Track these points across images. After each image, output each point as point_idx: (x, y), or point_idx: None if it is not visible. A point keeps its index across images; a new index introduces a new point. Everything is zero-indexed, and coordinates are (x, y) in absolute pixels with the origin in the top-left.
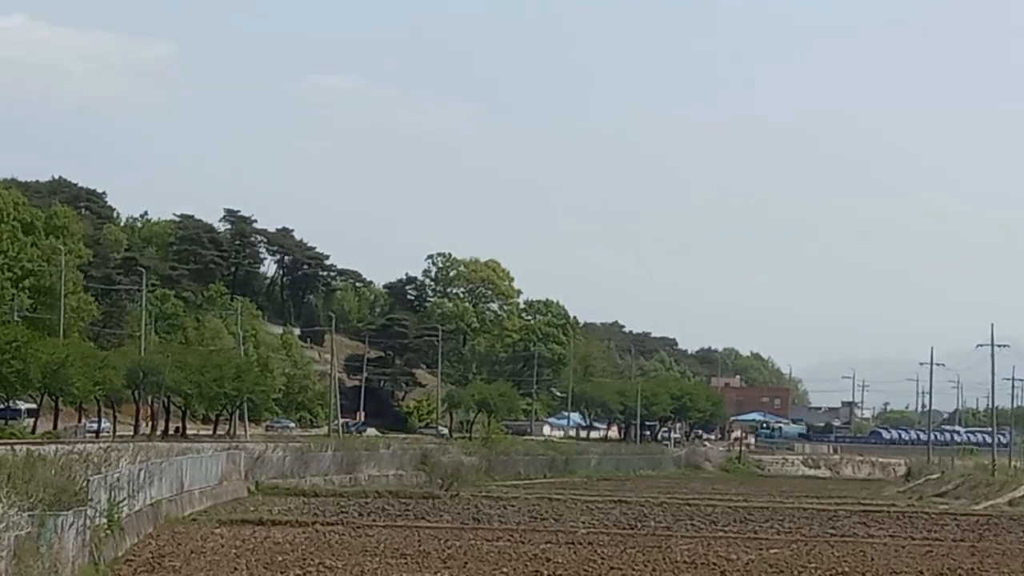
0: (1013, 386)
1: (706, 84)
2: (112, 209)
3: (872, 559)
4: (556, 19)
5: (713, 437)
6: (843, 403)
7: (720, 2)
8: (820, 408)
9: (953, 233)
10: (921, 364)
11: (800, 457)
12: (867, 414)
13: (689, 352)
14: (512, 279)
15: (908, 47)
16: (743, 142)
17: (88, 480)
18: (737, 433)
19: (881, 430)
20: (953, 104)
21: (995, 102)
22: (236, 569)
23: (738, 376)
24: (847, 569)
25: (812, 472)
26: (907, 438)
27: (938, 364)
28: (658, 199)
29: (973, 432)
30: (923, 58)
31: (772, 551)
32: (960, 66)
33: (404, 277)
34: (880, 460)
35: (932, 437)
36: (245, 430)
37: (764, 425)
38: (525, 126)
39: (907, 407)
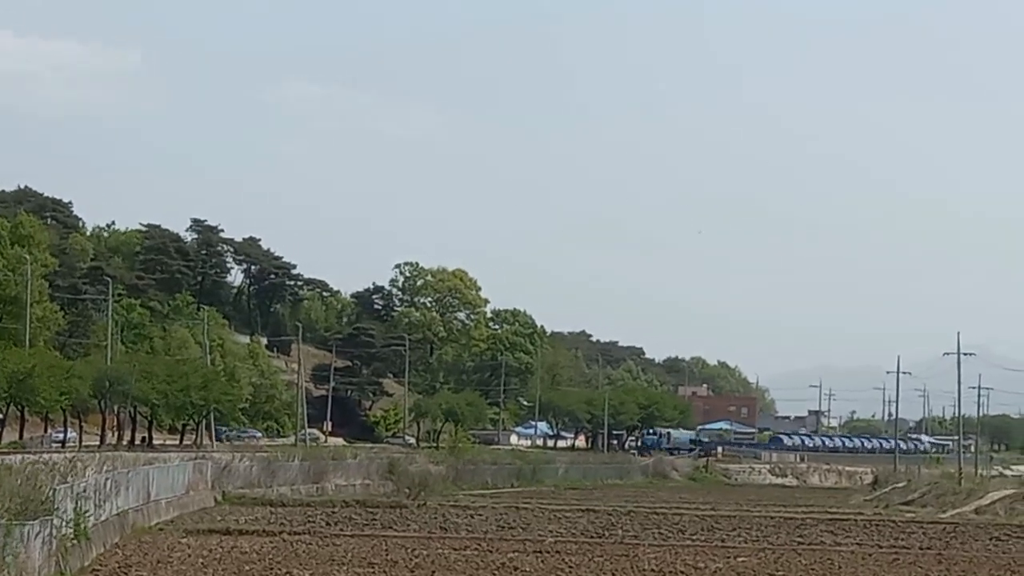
0: (979, 394)
1: (679, 78)
2: (78, 219)
3: (839, 567)
4: (536, 22)
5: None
6: (810, 412)
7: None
8: (788, 417)
9: (920, 240)
10: (888, 373)
11: (767, 466)
12: (834, 423)
13: (656, 361)
14: (479, 288)
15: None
16: (722, 144)
17: (54, 490)
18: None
19: (783, 436)
20: (945, 106)
21: (986, 102)
22: None
23: (705, 385)
24: None
25: (779, 481)
26: (870, 446)
27: (905, 373)
28: (626, 203)
29: (944, 442)
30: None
31: (740, 559)
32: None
33: (371, 286)
34: (847, 469)
35: (897, 446)
36: (212, 440)
37: (652, 432)
38: (494, 133)
39: (874, 415)
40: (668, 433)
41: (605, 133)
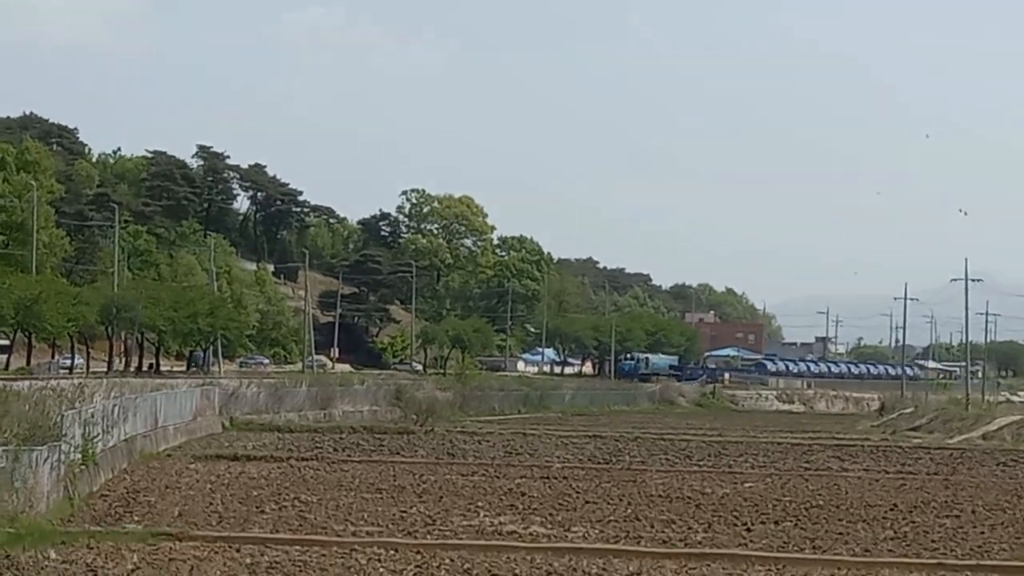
0: (987, 321)
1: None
2: (84, 145)
3: (846, 492)
4: None
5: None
6: (817, 338)
7: None
8: (794, 343)
9: (928, 165)
10: (895, 299)
11: (774, 392)
12: (841, 349)
13: (663, 288)
14: (486, 215)
15: None
16: (730, 70)
17: (62, 416)
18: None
19: (767, 361)
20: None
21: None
22: (211, 503)
23: (712, 312)
24: (821, 502)
25: (786, 407)
26: (876, 372)
27: (912, 299)
28: (633, 129)
29: (951, 368)
30: None
31: (747, 485)
32: None
33: (378, 213)
34: (854, 395)
35: (904, 372)
36: (219, 366)
37: (629, 356)
38: (500, 62)
39: (881, 342)
40: (647, 358)
41: (604, 51)
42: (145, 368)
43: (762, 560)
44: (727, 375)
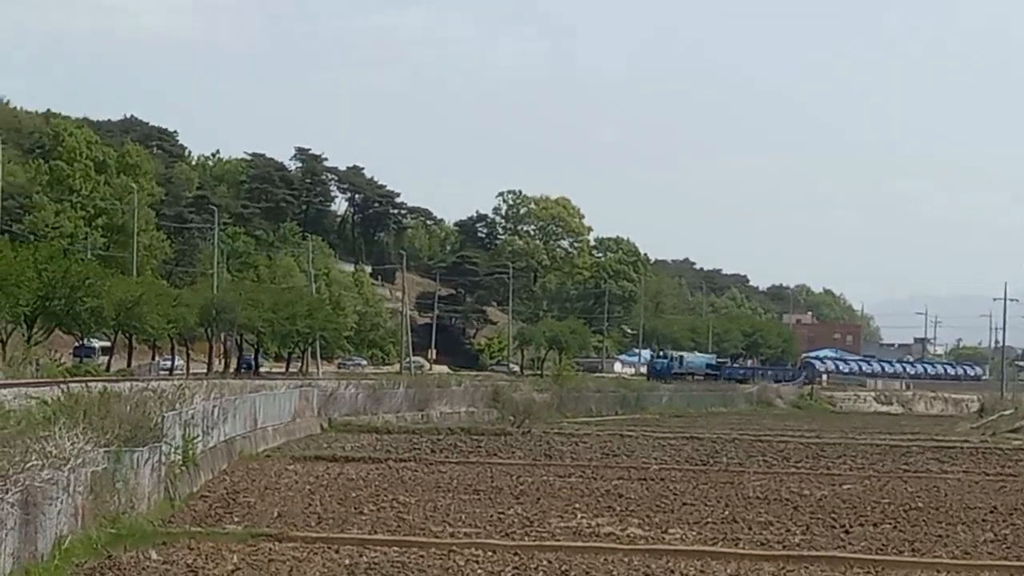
0: None
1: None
2: (183, 148)
3: (946, 494)
4: None
5: None
6: (915, 339)
7: None
8: (892, 344)
9: None
10: (995, 300)
11: (872, 393)
12: (940, 350)
13: (760, 289)
14: (583, 216)
15: None
16: (828, 75)
17: (163, 417)
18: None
19: (813, 361)
20: None
21: None
22: (310, 504)
23: (810, 313)
24: (921, 504)
25: (884, 408)
26: (973, 374)
27: (1012, 299)
28: (728, 134)
29: None
30: None
31: (845, 487)
32: None
33: (475, 215)
34: (953, 396)
35: (1004, 373)
36: (317, 367)
37: (661, 355)
38: (594, 63)
39: (980, 343)
40: (680, 356)
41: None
42: (244, 369)
43: (860, 563)
44: (824, 377)
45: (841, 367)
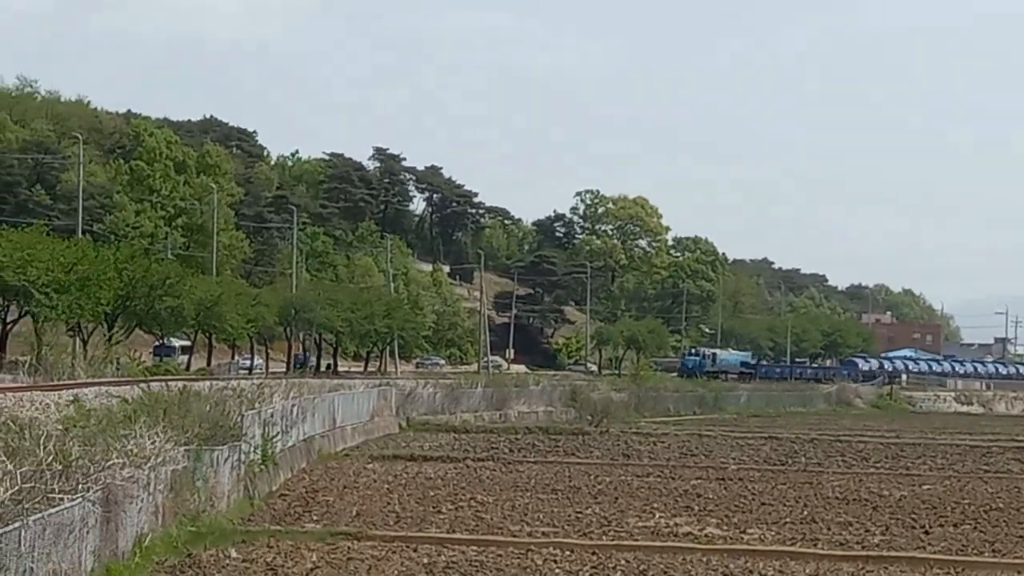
0: None
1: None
2: (262, 148)
3: None
4: None
5: None
6: (996, 339)
7: None
8: (972, 344)
9: None
10: None
11: (952, 394)
12: (1021, 350)
13: (839, 288)
14: (660, 216)
15: None
16: (912, 67)
17: (242, 415)
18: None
19: (858, 359)
20: None
21: None
22: (389, 503)
23: (889, 312)
24: (1001, 505)
25: (964, 409)
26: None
27: None
28: (806, 131)
29: None
30: None
31: (925, 487)
32: None
33: (552, 214)
34: None
35: None
36: (396, 367)
37: (693, 352)
38: (666, 62)
39: None
40: (714, 354)
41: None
42: (323, 368)
43: (940, 563)
44: (904, 377)
45: (911, 367)
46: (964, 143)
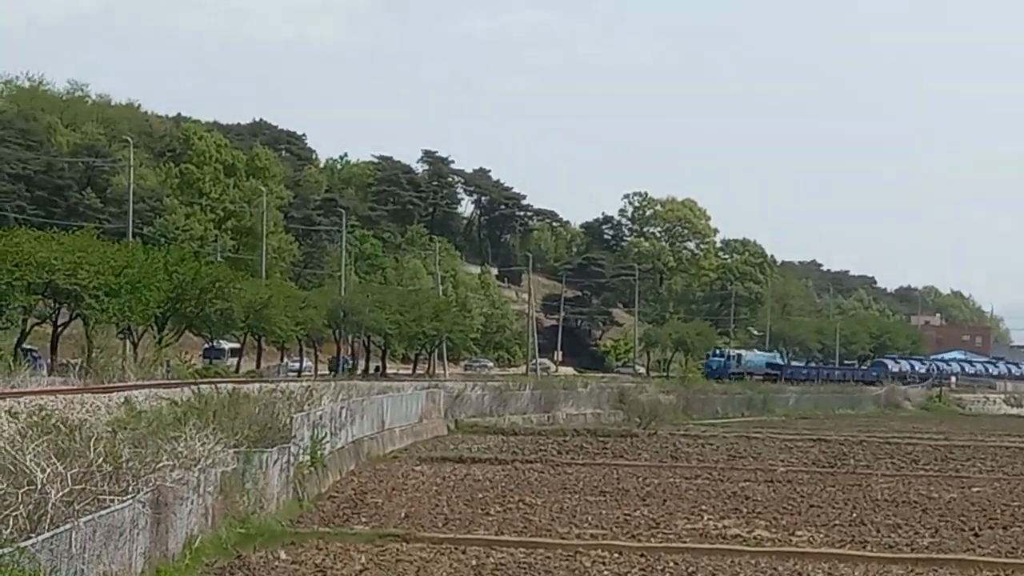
0: None
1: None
2: (312, 151)
3: None
4: None
5: None
6: None
7: None
8: (1022, 347)
9: None
10: None
11: (1002, 396)
12: None
13: (888, 290)
14: (709, 218)
15: None
16: (952, 78)
17: (291, 418)
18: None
19: (887, 360)
20: None
21: None
22: (437, 505)
23: (938, 314)
24: None
25: (1014, 411)
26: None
27: None
28: (854, 131)
29: None
30: None
31: (974, 489)
32: None
33: (600, 216)
34: None
35: None
36: (444, 369)
37: (717, 353)
38: (716, 62)
39: None
40: (738, 355)
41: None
42: (371, 371)
43: (990, 566)
44: (953, 379)
45: (958, 368)
46: (1006, 145)
